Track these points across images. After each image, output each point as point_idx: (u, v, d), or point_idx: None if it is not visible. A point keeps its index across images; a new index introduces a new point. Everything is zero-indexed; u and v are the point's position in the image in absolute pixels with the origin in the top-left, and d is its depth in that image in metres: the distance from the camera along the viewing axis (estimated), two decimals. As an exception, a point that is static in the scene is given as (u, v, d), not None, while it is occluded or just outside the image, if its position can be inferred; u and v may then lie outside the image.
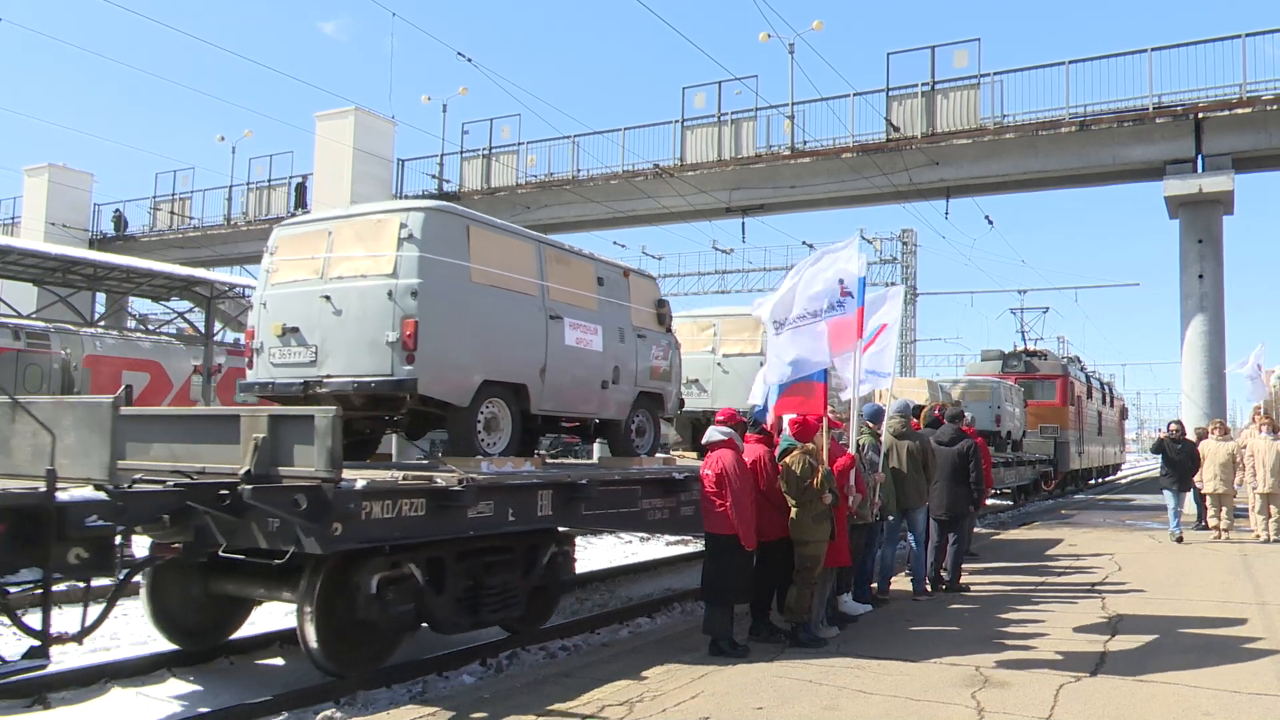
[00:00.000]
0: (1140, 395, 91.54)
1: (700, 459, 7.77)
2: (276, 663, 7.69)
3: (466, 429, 7.36)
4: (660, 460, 9.71)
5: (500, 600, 7.23)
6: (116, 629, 8.29)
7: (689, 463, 9.81)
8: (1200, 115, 19.50)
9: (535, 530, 7.50)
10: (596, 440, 9.99)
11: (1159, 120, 19.84)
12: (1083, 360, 36.58)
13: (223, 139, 34.36)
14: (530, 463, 7.87)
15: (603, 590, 11.47)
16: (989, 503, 19.99)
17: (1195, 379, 20.03)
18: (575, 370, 8.31)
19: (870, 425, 9.01)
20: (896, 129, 21.67)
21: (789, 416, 7.57)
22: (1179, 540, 14.08)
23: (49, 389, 16.30)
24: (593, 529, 12.90)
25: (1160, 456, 15.14)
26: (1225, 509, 14.73)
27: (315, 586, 6.20)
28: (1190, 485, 15.09)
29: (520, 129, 27.18)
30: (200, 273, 21.00)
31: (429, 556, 6.66)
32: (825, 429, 7.47)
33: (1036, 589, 10.06)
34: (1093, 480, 35.44)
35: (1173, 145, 19.98)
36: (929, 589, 9.62)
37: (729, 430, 7.17)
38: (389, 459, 9.17)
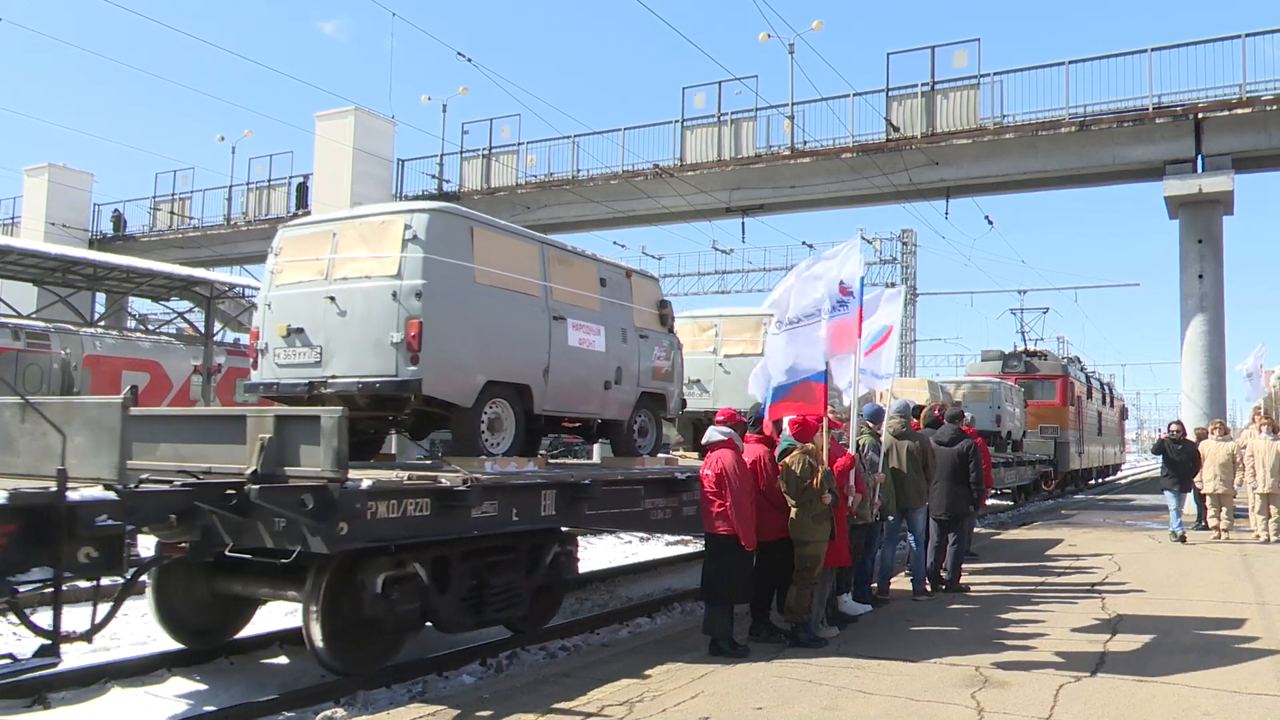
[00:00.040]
0: (1140, 395, 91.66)
1: (701, 459, 7.81)
2: (277, 662, 7.71)
3: (470, 429, 7.40)
4: (662, 460, 9.74)
5: (504, 600, 7.28)
6: (117, 629, 8.27)
7: (691, 463, 9.84)
8: (1200, 115, 19.52)
9: (539, 530, 7.55)
10: (599, 440, 10.02)
11: (1159, 120, 19.86)
12: (1083, 360, 36.66)
13: (223, 139, 34.39)
14: (534, 463, 7.91)
15: (603, 590, 11.51)
16: (989, 503, 19.99)
17: (1195, 379, 20.04)
18: (578, 371, 8.35)
19: (870, 425, 9.03)
20: (896, 129, 21.69)
21: (789, 417, 7.60)
22: (1182, 540, 14.10)
23: (49, 389, 16.31)
24: (596, 529, 12.92)
25: (1161, 457, 15.16)
26: (1225, 509, 14.76)
27: (321, 586, 6.23)
28: (1191, 486, 15.12)
29: (520, 129, 27.24)
30: (200, 273, 20.99)
31: (434, 556, 6.70)
32: (825, 429, 7.50)
33: (1036, 589, 10.09)
34: (1093, 480, 35.49)
35: (1173, 145, 19.99)
36: (929, 589, 9.64)
37: (729, 430, 7.20)
38: (393, 459, 9.20)
